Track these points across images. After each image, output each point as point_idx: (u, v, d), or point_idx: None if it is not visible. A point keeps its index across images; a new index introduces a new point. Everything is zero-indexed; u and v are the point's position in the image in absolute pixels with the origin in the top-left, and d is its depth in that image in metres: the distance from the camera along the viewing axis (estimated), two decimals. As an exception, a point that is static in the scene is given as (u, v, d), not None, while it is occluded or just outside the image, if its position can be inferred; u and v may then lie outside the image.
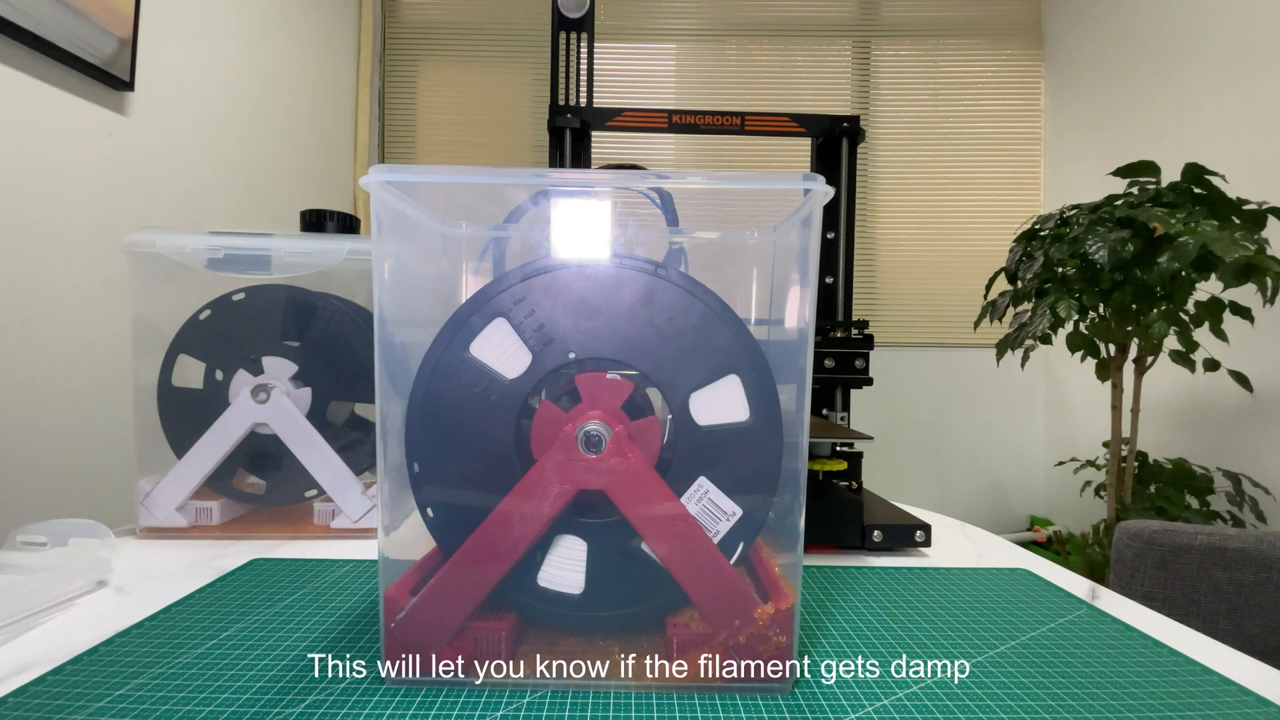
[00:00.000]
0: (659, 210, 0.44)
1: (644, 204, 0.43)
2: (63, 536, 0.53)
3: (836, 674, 0.37)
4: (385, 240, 0.35)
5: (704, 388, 0.36)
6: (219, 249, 0.63)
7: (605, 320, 0.36)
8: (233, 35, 1.69)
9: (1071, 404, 2.37)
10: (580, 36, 0.93)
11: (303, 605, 0.46)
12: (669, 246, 0.44)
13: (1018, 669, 0.38)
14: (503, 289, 0.36)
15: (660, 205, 0.44)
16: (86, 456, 1.20)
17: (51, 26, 1.10)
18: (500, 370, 0.36)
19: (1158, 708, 0.34)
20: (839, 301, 0.82)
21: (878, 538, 0.60)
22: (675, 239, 0.44)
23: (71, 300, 1.18)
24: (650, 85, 2.49)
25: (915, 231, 2.50)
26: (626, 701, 0.34)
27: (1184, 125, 1.91)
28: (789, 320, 0.38)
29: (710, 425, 0.36)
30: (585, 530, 0.37)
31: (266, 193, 1.83)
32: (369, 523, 0.63)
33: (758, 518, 0.37)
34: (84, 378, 1.20)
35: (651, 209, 0.44)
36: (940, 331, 2.49)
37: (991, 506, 2.54)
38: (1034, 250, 1.55)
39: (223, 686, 0.35)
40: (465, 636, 0.36)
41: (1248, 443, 1.71)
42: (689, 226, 0.44)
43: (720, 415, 0.36)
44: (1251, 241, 1.23)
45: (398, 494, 0.36)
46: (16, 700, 0.33)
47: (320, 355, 0.65)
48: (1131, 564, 0.91)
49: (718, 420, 0.36)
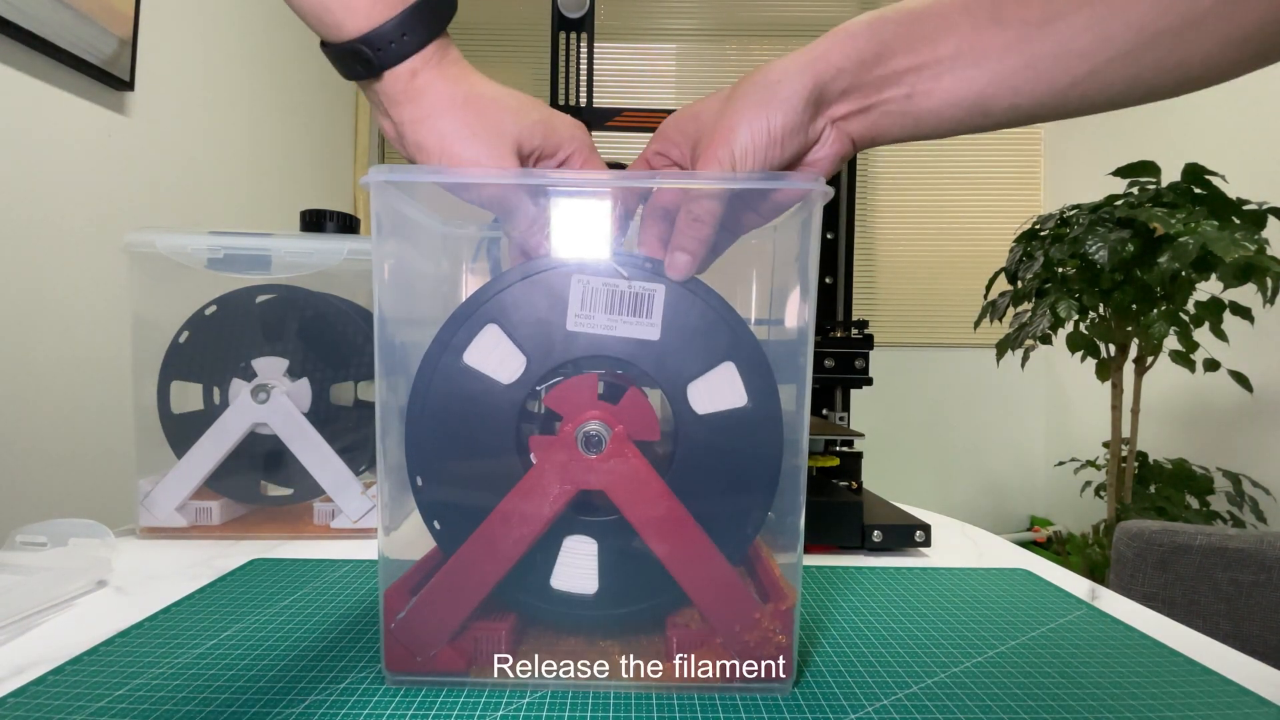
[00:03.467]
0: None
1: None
2: (63, 536, 0.53)
3: (836, 674, 0.37)
4: (385, 240, 0.35)
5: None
6: (219, 249, 0.63)
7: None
8: (233, 35, 1.69)
9: (1071, 404, 2.37)
10: (580, 36, 0.93)
11: (303, 605, 0.46)
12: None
13: (1018, 669, 0.38)
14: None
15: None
16: (86, 456, 1.20)
17: (52, 26, 1.10)
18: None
19: (1158, 708, 0.34)
20: (839, 301, 0.82)
21: (878, 538, 0.60)
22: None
23: (71, 300, 1.18)
24: (650, 85, 2.50)
25: (915, 231, 2.50)
26: (626, 701, 0.34)
27: (1184, 125, 1.91)
28: (789, 320, 0.38)
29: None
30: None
31: (266, 193, 1.83)
32: (369, 523, 0.63)
33: (757, 517, 0.37)
34: (84, 378, 1.20)
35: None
36: (940, 331, 2.50)
37: (991, 506, 2.54)
38: (1034, 250, 1.55)
39: (223, 686, 0.35)
40: (465, 636, 0.36)
41: (1248, 443, 1.71)
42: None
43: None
44: (1251, 241, 1.23)
45: (398, 494, 0.36)
46: (16, 700, 0.33)
47: (307, 344, 0.64)
48: (1131, 564, 0.91)
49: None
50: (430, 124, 0.34)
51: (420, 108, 0.34)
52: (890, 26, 0.33)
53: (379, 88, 0.34)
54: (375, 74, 0.34)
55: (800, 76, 0.33)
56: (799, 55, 0.33)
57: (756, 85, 0.33)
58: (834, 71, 0.33)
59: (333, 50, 0.34)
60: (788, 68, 0.33)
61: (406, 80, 0.34)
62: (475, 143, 0.34)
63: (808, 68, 0.33)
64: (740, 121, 0.33)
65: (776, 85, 0.33)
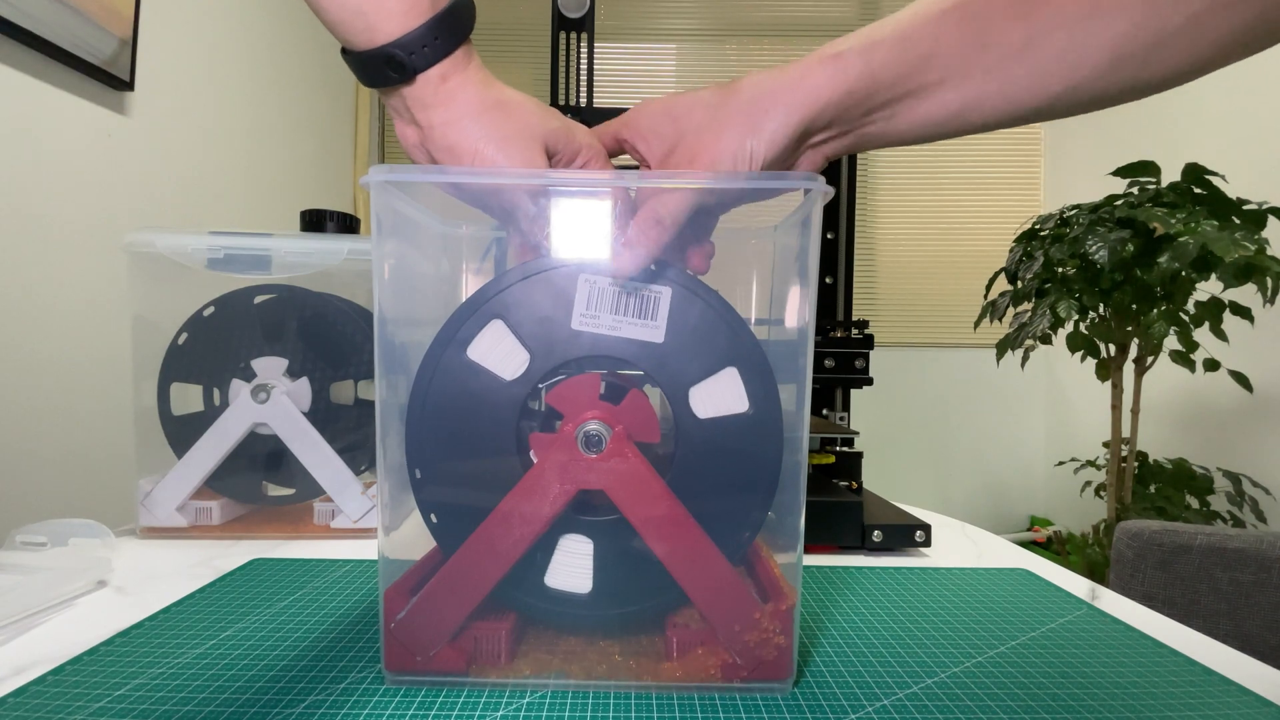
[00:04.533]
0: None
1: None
2: (63, 536, 0.53)
3: (836, 674, 0.37)
4: (385, 240, 0.35)
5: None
6: (219, 249, 0.63)
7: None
8: (233, 35, 1.69)
9: (1071, 404, 2.37)
10: (580, 36, 0.93)
11: (303, 605, 0.46)
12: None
13: (1018, 669, 0.38)
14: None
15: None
16: (86, 456, 1.20)
17: (52, 26, 1.10)
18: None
19: (1158, 708, 0.34)
20: (839, 301, 0.82)
21: (878, 538, 0.60)
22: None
23: (71, 300, 1.18)
24: (650, 85, 2.50)
25: (915, 231, 2.50)
26: (626, 701, 0.34)
27: (1184, 125, 1.91)
28: (789, 320, 0.38)
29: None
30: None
31: (266, 193, 1.83)
32: (369, 523, 0.63)
33: (757, 517, 0.37)
34: (84, 378, 1.20)
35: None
36: (940, 331, 2.49)
37: (991, 506, 2.54)
38: (1034, 250, 1.55)
39: (223, 686, 0.35)
40: (465, 636, 0.36)
41: (1248, 443, 1.71)
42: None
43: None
44: (1251, 241, 1.23)
45: (398, 494, 0.36)
46: (16, 700, 0.33)
47: (306, 344, 0.64)
48: (1131, 564, 0.91)
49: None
50: (462, 126, 0.34)
51: (451, 110, 0.34)
52: (881, 52, 0.33)
53: (408, 92, 0.34)
54: (408, 78, 0.34)
55: (790, 113, 0.33)
56: (792, 84, 0.34)
57: (744, 109, 0.34)
58: (823, 107, 0.33)
59: (360, 56, 0.34)
60: (779, 97, 0.33)
61: (437, 84, 0.34)
62: (508, 145, 0.34)
63: (799, 106, 0.33)
64: (725, 148, 0.33)
65: (765, 116, 0.33)
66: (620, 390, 0.36)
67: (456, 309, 0.36)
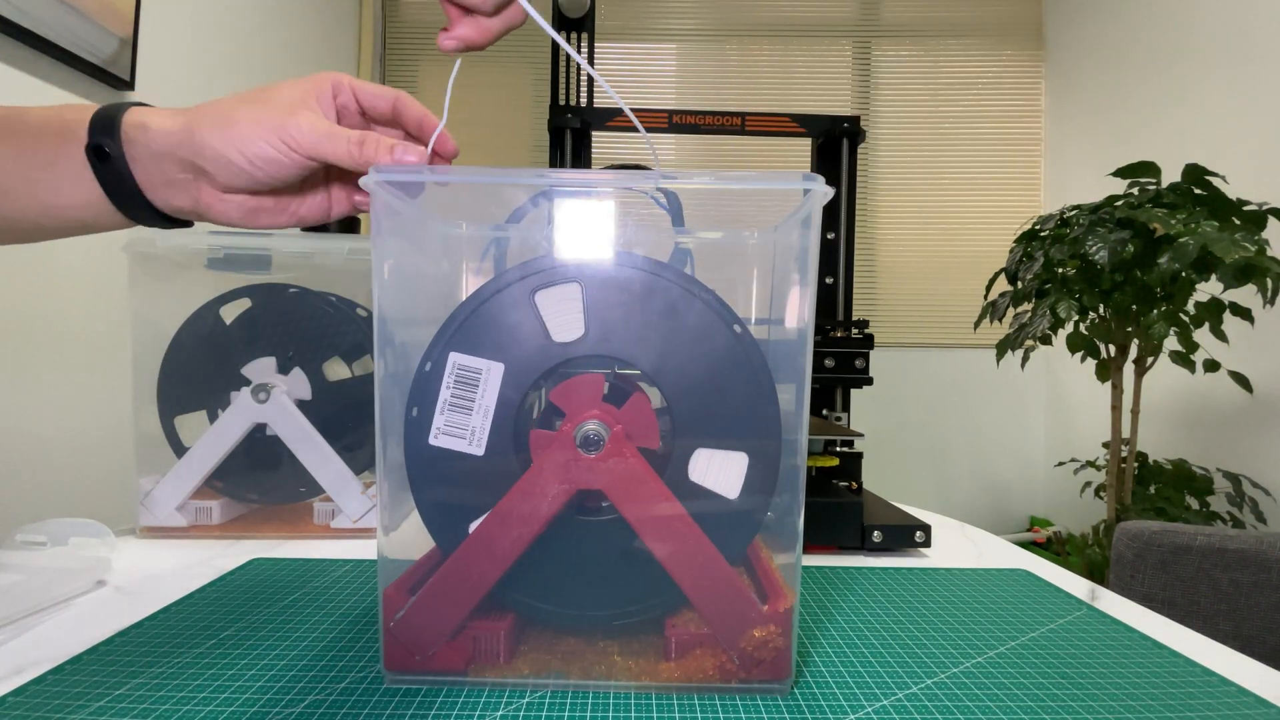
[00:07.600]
0: (663, 210, 0.44)
1: (645, 203, 0.43)
2: (63, 536, 0.53)
3: (836, 674, 0.37)
4: (385, 240, 0.35)
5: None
6: (219, 249, 0.63)
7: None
8: (232, 35, 1.69)
9: (1071, 404, 2.37)
10: (580, 36, 0.93)
11: (303, 605, 0.46)
12: (674, 247, 0.44)
13: (1018, 669, 0.38)
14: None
15: (667, 207, 0.44)
16: (86, 456, 1.20)
17: (52, 26, 1.10)
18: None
19: (1157, 708, 0.34)
20: (839, 301, 0.82)
21: (877, 538, 0.60)
22: (680, 239, 0.44)
23: (71, 300, 1.18)
24: (650, 85, 2.49)
25: (915, 231, 2.50)
26: (626, 701, 0.34)
27: (1184, 125, 1.91)
28: (789, 320, 0.38)
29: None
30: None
31: (267, 192, 1.82)
32: (369, 522, 0.63)
33: (757, 518, 0.37)
34: (84, 378, 1.20)
35: (653, 208, 0.44)
36: (940, 332, 2.49)
37: (991, 507, 2.54)
38: (1034, 251, 1.55)
39: (223, 686, 0.35)
40: (464, 636, 0.36)
41: (1248, 443, 1.71)
42: (691, 227, 0.44)
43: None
44: (1252, 242, 1.23)
45: (397, 494, 0.36)
46: (16, 700, 0.33)
47: (285, 336, 0.64)
48: (1131, 565, 0.91)
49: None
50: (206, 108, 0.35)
51: (178, 115, 0.35)
52: None
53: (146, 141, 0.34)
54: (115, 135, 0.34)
55: None
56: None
57: None
58: None
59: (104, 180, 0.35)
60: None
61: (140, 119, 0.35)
62: (246, 106, 0.35)
63: None
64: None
65: None
66: (625, 393, 0.36)
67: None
